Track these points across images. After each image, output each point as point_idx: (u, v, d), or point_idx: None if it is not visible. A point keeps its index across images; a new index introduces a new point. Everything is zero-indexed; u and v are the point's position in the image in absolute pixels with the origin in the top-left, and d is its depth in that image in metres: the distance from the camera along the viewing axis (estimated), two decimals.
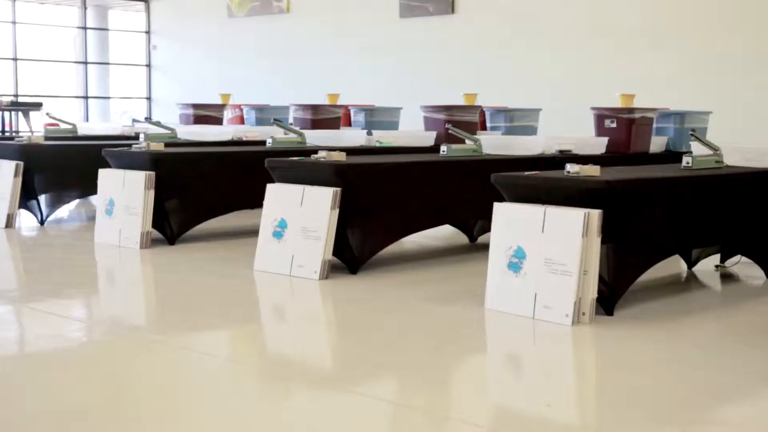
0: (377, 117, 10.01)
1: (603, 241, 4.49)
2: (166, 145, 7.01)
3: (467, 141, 6.92)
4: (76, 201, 9.07)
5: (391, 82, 12.80)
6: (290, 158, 5.92)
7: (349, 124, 10.27)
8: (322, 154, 5.79)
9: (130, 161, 6.70)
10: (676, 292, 5.34)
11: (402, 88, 12.47)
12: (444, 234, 7.31)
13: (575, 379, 3.86)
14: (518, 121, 9.06)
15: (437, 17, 12.40)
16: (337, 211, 5.50)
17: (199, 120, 10.56)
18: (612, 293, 4.60)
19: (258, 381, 3.65)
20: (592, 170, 4.66)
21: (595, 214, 4.43)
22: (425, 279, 5.61)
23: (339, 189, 5.50)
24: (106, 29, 16.87)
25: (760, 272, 5.71)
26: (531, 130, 9.11)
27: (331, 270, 5.53)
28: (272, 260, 5.66)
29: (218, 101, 11.08)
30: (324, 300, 5.15)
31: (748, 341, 4.22)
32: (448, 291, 5.23)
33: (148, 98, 16.27)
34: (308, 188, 5.61)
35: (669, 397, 3.41)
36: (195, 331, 4.36)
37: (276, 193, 5.77)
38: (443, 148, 6.57)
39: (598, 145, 7.45)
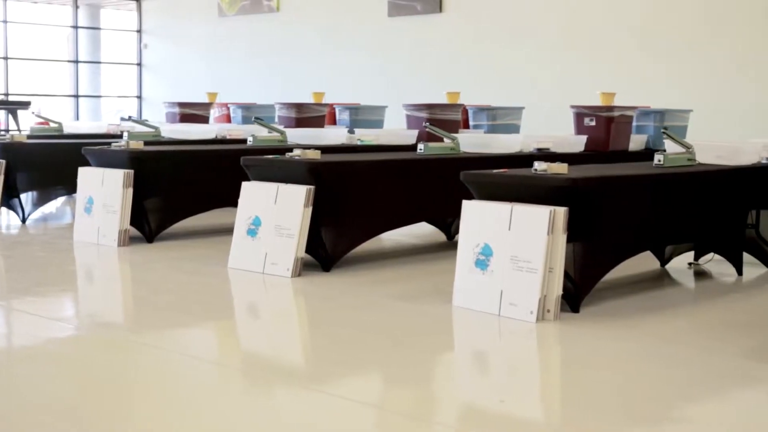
0: (362, 115, 10.04)
1: (569, 239, 4.52)
2: (146, 143, 7.02)
3: (446, 139, 6.94)
4: (60, 199, 9.10)
5: (379, 80, 12.82)
6: (265, 156, 5.94)
7: (334, 122, 10.30)
8: (296, 152, 5.82)
9: (109, 159, 6.73)
10: (645, 289, 5.37)
11: (390, 87, 12.50)
12: (423, 232, 7.34)
13: (537, 376, 3.88)
14: (501, 119, 9.08)
15: (425, 16, 12.43)
16: (310, 209, 5.52)
17: (185, 119, 10.59)
18: (578, 291, 4.63)
19: (229, 379, 3.64)
20: (560, 168, 4.69)
21: (561, 211, 4.46)
22: (397, 277, 5.64)
23: (312, 187, 5.53)
24: (98, 28, 16.88)
25: (733, 270, 5.75)
26: (514, 129, 9.14)
27: (304, 268, 5.56)
28: (246, 258, 5.69)
29: (207, 100, 11.12)
30: (293, 298, 5.18)
31: (713, 338, 4.25)
32: (419, 288, 5.25)
33: (139, 97, 16.28)
34: (282, 186, 5.64)
35: (631, 393, 3.44)
36: (166, 330, 4.37)
37: (251, 191, 5.80)
38: (420, 146, 6.60)
39: (577, 144, 7.48)
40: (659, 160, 5.45)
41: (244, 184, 5.83)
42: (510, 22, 11.70)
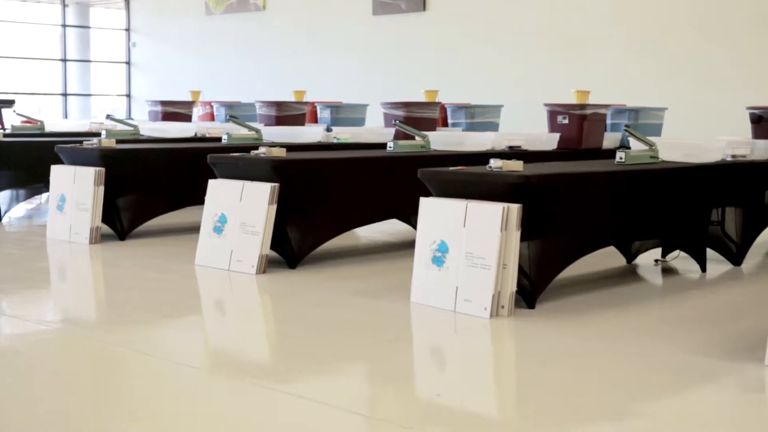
0: (343, 114, 10.09)
1: (525, 236, 4.56)
2: (118, 141, 7.06)
3: (417, 137, 6.97)
4: (38, 197, 9.14)
5: (364, 78, 12.86)
6: (231, 154, 5.97)
7: (315, 120, 10.34)
8: (262, 150, 5.85)
9: (81, 158, 6.76)
10: (607, 285, 5.40)
11: (375, 85, 12.54)
12: (396, 229, 7.38)
13: (488, 372, 3.90)
14: (479, 117, 9.12)
15: (409, 14, 12.46)
16: (274, 206, 5.56)
17: (167, 117, 10.63)
18: (534, 287, 4.66)
19: (187, 377, 3.63)
20: (515, 165, 4.72)
21: (515, 208, 4.49)
22: (361, 274, 5.67)
23: (277, 185, 5.57)
24: (87, 27, 16.91)
25: (698, 266, 5.78)
26: (492, 127, 9.18)
27: (270, 265, 5.60)
28: (212, 255, 5.73)
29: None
30: (255, 295, 5.21)
31: (661, 333, 4.28)
32: (381, 285, 5.29)
33: (128, 95, 16.32)
34: (247, 184, 5.67)
35: (578, 389, 3.47)
36: (128, 328, 4.36)
37: (217, 189, 5.84)
38: (389, 144, 6.63)
39: (550, 141, 7.51)
40: (621, 158, 5.49)
41: (211, 182, 5.87)
42: (493, 20, 11.73)
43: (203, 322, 4.71)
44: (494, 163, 4.72)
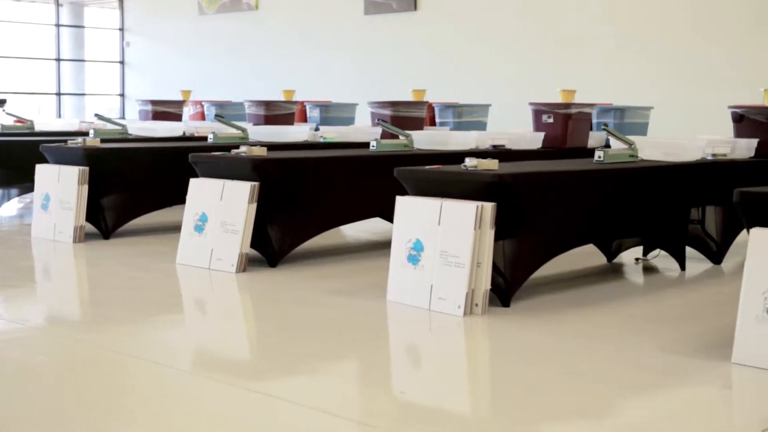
0: (332, 113, 10.12)
1: (500, 235, 4.57)
2: (104, 141, 7.09)
3: (401, 136, 6.99)
4: (30, 196, 9.16)
5: (356, 77, 12.88)
6: (211, 153, 6.00)
7: (305, 120, 10.37)
8: (243, 149, 5.87)
9: (66, 157, 6.79)
10: (584, 284, 5.42)
11: (367, 84, 12.56)
12: (380, 228, 7.39)
13: (460, 370, 3.91)
14: (467, 116, 9.14)
15: (400, 14, 12.48)
16: (254, 205, 5.58)
17: (157, 116, 10.65)
18: (509, 285, 4.68)
19: (163, 376, 3.63)
20: (490, 164, 4.74)
21: (489, 207, 4.51)
22: (340, 272, 5.69)
23: (257, 183, 5.59)
24: (80, 26, 16.93)
25: (678, 265, 5.80)
26: (480, 126, 9.20)
27: (251, 264, 5.62)
28: (193, 254, 5.75)
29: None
30: (233, 293, 5.24)
31: (634, 332, 4.30)
32: (359, 284, 5.30)
33: (122, 95, 16.34)
34: (228, 183, 5.69)
35: (550, 387, 3.48)
36: (106, 327, 4.38)
37: (198, 188, 5.86)
38: (372, 143, 6.64)
39: (535, 141, 7.53)
40: (599, 157, 5.51)
41: (192, 181, 5.89)
42: (484, 20, 11.75)
43: (181, 321, 4.71)
44: (469, 162, 4.74)
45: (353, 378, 3.65)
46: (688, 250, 5.96)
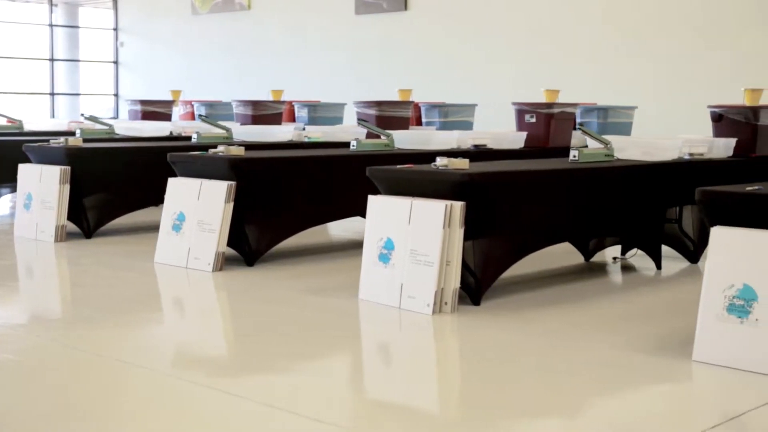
0: (320, 113, 10.13)
1: (470, 234, 4.59)
2: (87, 140, 7.11)
3: (382, 136, 7.01)
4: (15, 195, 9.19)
5: (347, 77, 12.90)
6: (189, 153, 6.02)
7: (293, 119, 10.39)
8: (220, 148, 5.90)
9: (48, 156, 6.81)
10: (558, 283, 5.44)
11: (358, 84, 12.57)
12: (362, 227, 7.37)
13: (427, 369, 3.92)
14: (453, 116, 9.15)
15: (391, 14, 12.50)
16: (231, 204, 5.60)
17: (146, 116, 10.68)
18: (479, 284, 4.70)
19: (131, 375, 3.65)
20: (461, 163, 4.76)
21: (458, 206, 4.53)
22: (316, 271, 5.72)
23: (233, 183, 5.61)
24: (74, 26, 16.96)
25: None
26: (466, 126, 9.21)
27: (229, 263, 5.65)
28: (171, 253, 5.77)
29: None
30: (208, 292, 5.26)
31: (603, 330, 4.31)
32: (334, 282, 5.32)
33: (116, 95, 16.37)
34: (205, 182, 5.72)
35: (516, 385, 3.51)
36: (79, 326, 4.39)
37: (176, 187, 5.88)
38: (353, 142, 6.66)
39: (517, 140, 7.54)
40: (574, 156, 5.53)
41: (170, 181, 5.92)
42: (474, 20, 11.76)
43: (154, 320, 4.70)
44: (440, 162, 4.76)
45: (322, 378, 3.63)
46: (666, 249, 5.99)
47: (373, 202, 4.86)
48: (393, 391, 3.51)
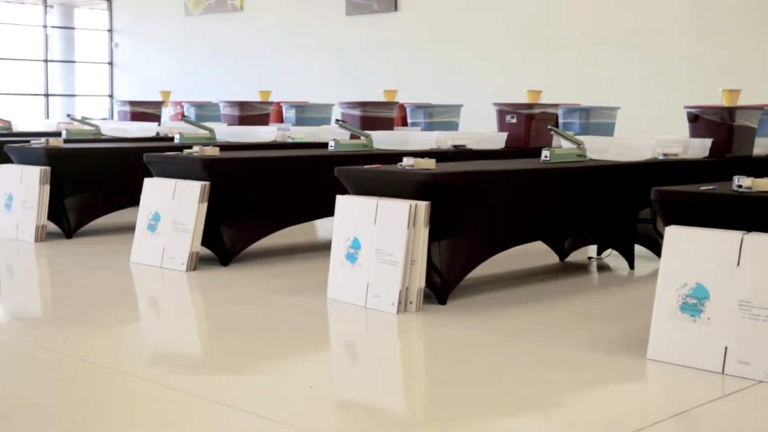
0: (308, 113, 10.16)
1: (436, 233, 4.62)
2: (66, 141, 7.16)
3: (361, 137, 7.04)
4: None
5: (339, 78, 12.93)
6: (165, 153, 6.06)
7: (281, 120, 10.42)
8: (195, 148, 5.93)
9: (29, 157, 6.86)
10: (529, 282, 5.47)
11: (349, 85, 12.61)
12: None
13: (390, 368, 3.94)
14: (438, 117, 9.17)
15: (381, 15, 12.53)
16: (205, 204, 5.64)
17: (135, 117, 10.71)
18: (445, 284, 4.73)
19: (92, 375, 3.67)
20: (428, 164, 4.79)
21: (422, 205, 4.56)
22: (290, 271, 5.76)
23: (207, 183, 5.65)
24: (69, 28, 17.02)
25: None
26: (452, 126, 9.23)
27: (204, 263, 5.69)
28: (146, 252, 5.81)
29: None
30: (180, 292, 5.30)
31: (563, 329, 4.34)
32: (305, 282, 5.35)
33: (111, 96, 16.42)
34: (180, 182, 5.76)
35: (475, 384, 3.53)
36: (46, 326, 4.44)
37: (151, 187, 5.93)
38: (331, 143, 6.70)
39: (498, 141, 7.56)
40: (546, 156, 5.56)
41: (146, 181, 5.96)
42: (464, 21, 11.79)
43: (120, 320, 4.64)
44: (406, 162, 4.80)
45: (286, 379, 3.62)
46: (641, 249, 6.01)
47: (341, 202, 4.90)
48: (357, 392, 3.53)
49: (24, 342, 4.09)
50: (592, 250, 6.28)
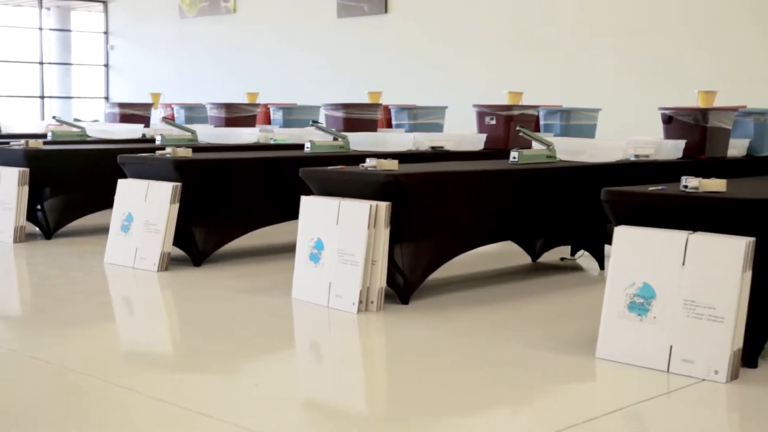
0: (295, 115, 10.19)
1: (399, 233, 4.66)
2: (46, 142, 7.21)
3: (338, 138, 7.07)
4: None
5: (330, 79, 12.98)
6: (138, 154, 6.11)
7: (268, 122, 10.46)
8: (168, 150, 5.98)
9: (8, 158, 6.91)
10: (497, 282, 5.50)
11: (339, 87, 12.65)
12: None
13: (351, 367, 3.97)
14: (422, 118, 9.20)
15: (372, 17, 12.58)
16: (176, 205, 5.68)
17: (125, 119, 10.76)
18: (407, 284, 4.76)
19: (58, 376, 3.70)
20: (390, 164, 4.83)
21: (383, 206, 4.60)
22: (261, 271, 5.79)
23: (179, 184, 5.69)
24: (66, 30, 17.11)
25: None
26: (436, 128, 9.25)
27: (176, 263, 5.74)
28: (120, 253, 5.86)
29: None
30: (150, 292, 5.34)
31: (523, 328, 4.37)
32: (272, 282, 5.38)
33: (107, 98, 16.49)
34: (152, 183, 5.80)
35: (431, 383, 3.57)
36: (8, 327, 4.49)
37: (125, 189, 5.97)
38: (307, 144, 6.74)
39: (477, 142, 7.60)
40: (514, 157, 5.60)
41: (120, 182, 6.01)
42: (454, 22, 11.83)
43: (83, 320, 4.62)
44: (369, 163, 4.84)
45: (244, 378, 3.64)
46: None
47: (305, 202, 4.94)
48: (314, 391, 3.56)
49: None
50: (565, 250, 6.31)
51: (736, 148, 6.92)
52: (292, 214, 6.38)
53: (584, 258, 6.14)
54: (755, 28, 9.53)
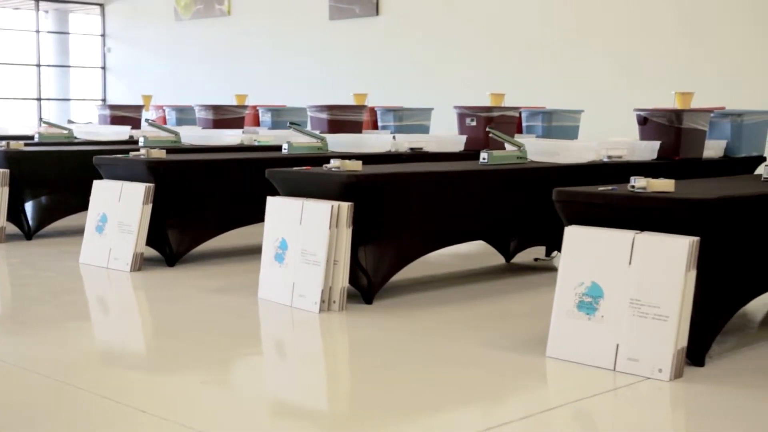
0: (284, 117, 10.23)
1: (362, 233, 4.69)
2: (26, 144, 7.27)
3: (316, 140, 7.11)
4: None
5: (321, 82, 13.02)
6: (112, 156, 6.15)
7: (258, 123, 10.51)
8: (142, 151, 6.03)
9: None
10: (465, 282, 5.53)
11: (330, 88, 12.69)
12: None
13: (311, 367, 4.00)
14: (407, 120, 9.23)
15: (363, 19, 12.62)
16: (149, 206, 5.73)
17: (115, 121, 10.83)
18: (371, 284, 4.80)
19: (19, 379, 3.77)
20: (354, 165, 4.87)
21: (345, 206, 4.64)
22: (230, 271, 5.84)
23: (152, 185, 5.74)
24: (63, 33, 17.19)
25: None
26: (422, 129, 9.28)
27: (150, 263, 5.78)
28: (94, 253, 5.91)
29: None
30: (119, 291, 5.39)
31: (480, 328, 4.41)
32: (240, 282, 5.41)
33: (104, 100, 16.57)
34: (126, 184, 5.85)
35: (388, 383, 3.61)
36: None
37: (100, 189, 6.02)
38: (284, 145, 6.78)
39: (457, 143, 7.63)
40: (484, 158, 5.63)
41: (95, 183, 6.06)
42: (444, 25, 11.86)
43: (47, 321, 4.60)
44: (333, 164, 4.87)
45: (212, 379, 3.65)
46: None
47: (271, 203, 4.98)
48: (278, 391, 3.59)
49: None
50: (540, 251, 6.34)
51: (713, 149, 6.94)
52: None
53: (558, 258, 6.16)
54: (739, 30, 9.54)
